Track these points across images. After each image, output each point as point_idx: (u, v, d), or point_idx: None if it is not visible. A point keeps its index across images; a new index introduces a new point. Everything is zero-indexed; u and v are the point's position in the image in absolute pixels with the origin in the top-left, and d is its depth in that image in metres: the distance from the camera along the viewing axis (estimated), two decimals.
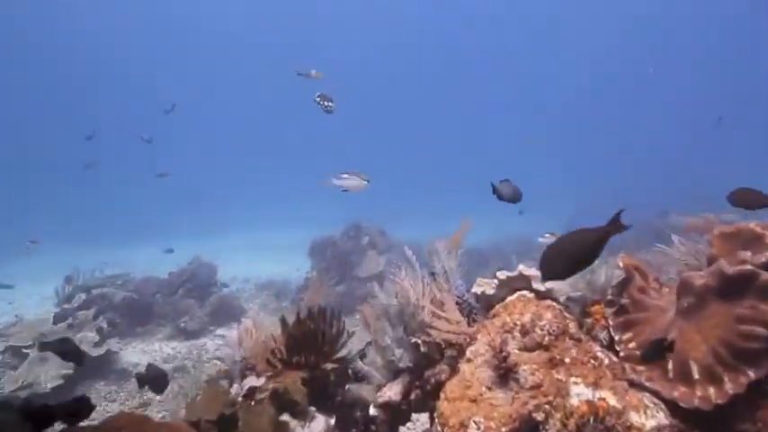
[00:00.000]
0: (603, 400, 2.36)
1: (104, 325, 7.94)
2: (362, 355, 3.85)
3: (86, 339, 7.64)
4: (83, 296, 8.75)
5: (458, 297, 3.44)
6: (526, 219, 14.47)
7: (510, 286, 3.31)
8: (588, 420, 2.27)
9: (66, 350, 4.06)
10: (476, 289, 3.53)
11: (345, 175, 4.73)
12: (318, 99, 6.34)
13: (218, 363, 4.46)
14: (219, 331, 9.85)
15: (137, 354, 8.56)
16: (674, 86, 43.04)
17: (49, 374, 6.99)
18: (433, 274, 3.63)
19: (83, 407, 2.20)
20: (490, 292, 3.42)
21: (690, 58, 41.44)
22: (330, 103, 6.36)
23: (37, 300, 13.41)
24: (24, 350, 7.53)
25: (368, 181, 4.80)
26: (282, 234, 24.72)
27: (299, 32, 46.37)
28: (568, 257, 2.12)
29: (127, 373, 7.72)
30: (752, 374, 2.21)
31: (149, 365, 4.32)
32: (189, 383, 7.18)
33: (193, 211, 30.90)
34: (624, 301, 2.91)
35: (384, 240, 12.02)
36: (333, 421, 3.29)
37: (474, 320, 3.32)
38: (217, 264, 12.00)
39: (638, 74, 40.56)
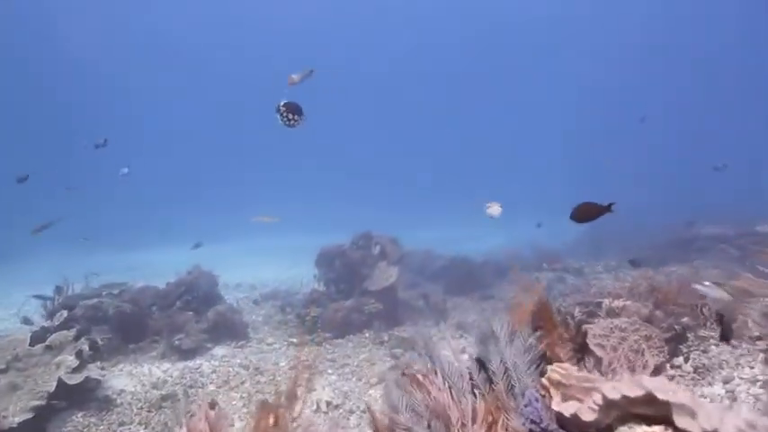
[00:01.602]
0: None
1: (85, 347, 6.80)
2: None
3: (65, 364, 6.48)
4: (64, 313, 7.61)
5: (532, 422, 2.16)
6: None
7: (625, 410, 1.99)
8: None
9: None
10: (559, 406, 2.18)
11: (488, 204, 5.96)
12: (283, 109, 5.00)
13: None
14: (217, 350, 8.72)
15: (123, 378, 7.42)
16: (674, 88, 42.05)
17: (18, 406, 5.86)
18: (484, 368, 2.33)
19: None
20: (588, 417, 2.08)
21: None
22: (295, 116, 5.03)
23: (35, 306, 12.28)
24: None
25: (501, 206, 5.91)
26: (292, 238, 23.71)
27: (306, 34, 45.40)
28: None
29: (110, 402, 6.57)
30: None
31: None
32: (174, 419, 6.01)
33: (201, 214, 29.97)
34: None
35: (396, 249, 10.84)
36: None
37: None
38: (217, 274, 10.85)
39: (649, 83, 39.69)
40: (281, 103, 4.97)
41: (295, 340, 9.11)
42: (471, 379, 2.17)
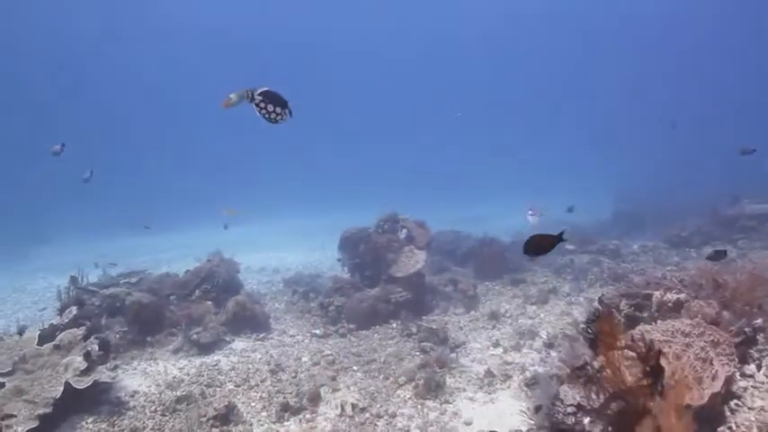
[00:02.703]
0: None
1: (95, 347, 6.30)
2: None
3: (72, 366, 5.98)
4: (74, 310, 7.11)
5: None
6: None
7: None
8: None
9: None
10: None
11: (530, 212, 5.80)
12: (259, 99, 3.87)
13: None
14: (237, 343, 8.19)
15: (137, 377, 6.93)
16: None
17: (23, 414, 5.38)
18: None
19: None
20: None
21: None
22: (277, 109, 3.91)
23: (55, 293, 12.01)
24: (1, 379, 5.92)
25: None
26: (317, 219, 23.24)
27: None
28: None
29: (122, 405, 6.07)
30: None
31: None
32: (187, 427, 5.48)
33: (229, 194, 29.68)
34: None
35: (424, 233, 10.14)
36: None
37: None
38: (239, 261, 10.34)
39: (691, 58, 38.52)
40: (257, 92, 3.91)
41: (318, 332, 8.53)
42: None
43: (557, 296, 9.62)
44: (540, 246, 3.90)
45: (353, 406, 5.91)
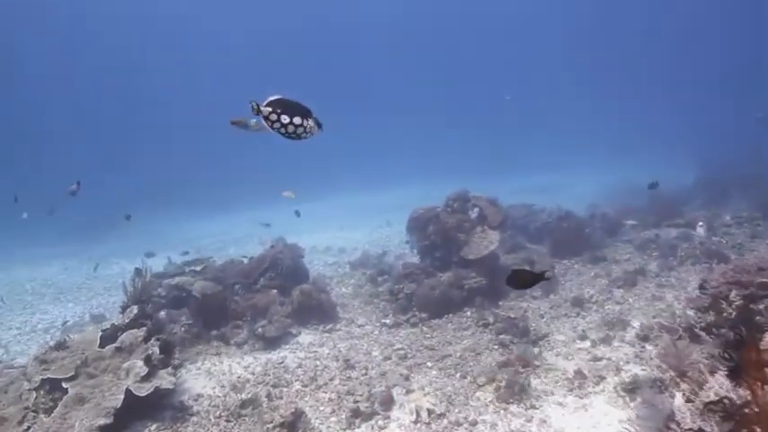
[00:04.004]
0: None
1: (156, 350, 5.88)
2: None
3: (133, 372, 5.60)
4: (134, 309, 6.73)
5: None
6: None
7: None
8: None
9: None
10: None
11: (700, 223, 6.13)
12: (268, 111, 2.96)
13: None
14: (303, 336, 7.69)
15: (201, 377, 6.52)
16: None
17: (84, 424, 5.02)
18: None
19: None
20: None
21: None
22: (295, 120, 3.00)
23: (126, 279, 12.00)
24: (65, 384, 5.60)
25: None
26: (379, 196, 22.63)
27: None
28: None
29: (185, 410, 5.67)
30: None
31: None
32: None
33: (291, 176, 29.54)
34: None
35: (496, 212, 9.26)
36: None
37: None
38: (303, 246, 9.83)
39: None
40: (264, 102, 2.89)
41: (388, 321, 7.92)
42: None
43: (645, 277, 8.57)
44: (521, 279, 3.97)
45: (429, 411, 5.28)
